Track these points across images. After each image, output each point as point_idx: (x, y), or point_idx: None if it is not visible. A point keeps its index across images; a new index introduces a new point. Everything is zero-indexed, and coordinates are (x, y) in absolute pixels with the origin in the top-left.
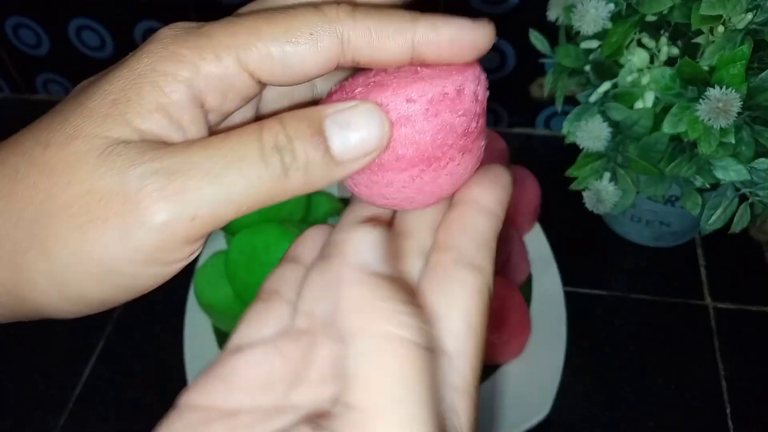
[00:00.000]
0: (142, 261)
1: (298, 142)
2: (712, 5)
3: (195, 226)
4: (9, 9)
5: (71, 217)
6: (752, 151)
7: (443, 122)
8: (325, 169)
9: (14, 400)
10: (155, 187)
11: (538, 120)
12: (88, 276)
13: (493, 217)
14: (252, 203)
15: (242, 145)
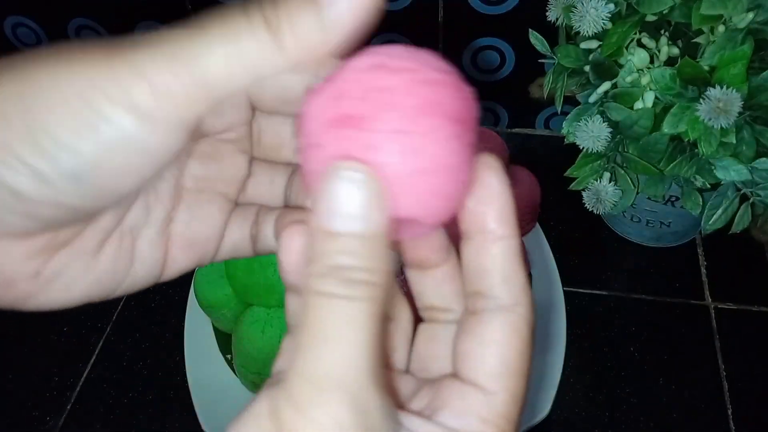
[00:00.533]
0: (116, 96)
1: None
2: (712, 5)
3: (181, 79)
4: (8, 9)
5: (61, 55)
6: (753, 151)
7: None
8: (311, 21)
9: (14, 400)
10: (151, 38)
11: (538, 120)
12: (58, 103)
13: (511, 240)
14: (243, 61)
15: (229, 11)
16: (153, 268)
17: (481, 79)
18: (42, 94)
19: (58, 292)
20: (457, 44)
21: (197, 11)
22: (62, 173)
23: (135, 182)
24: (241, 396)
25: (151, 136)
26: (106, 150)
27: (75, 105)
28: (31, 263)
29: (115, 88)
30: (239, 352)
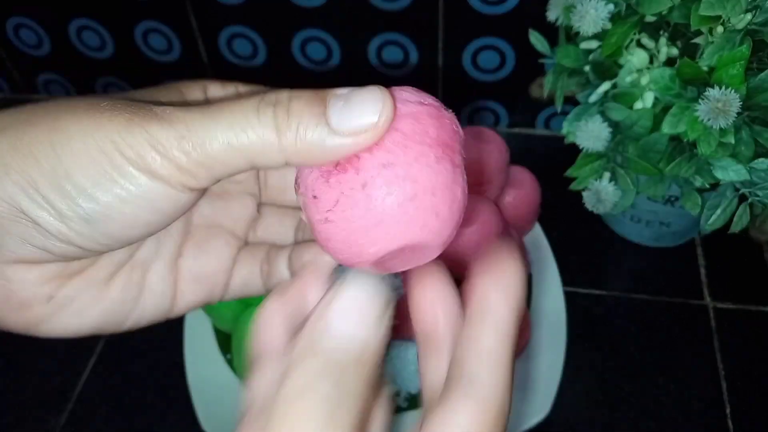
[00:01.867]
0: (132, 157)
1: (297, 101)
2: (711, 5)
3: (183, 148)
4: (10, 9)
5: (91, 109)
6: (752, 151)
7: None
8: (318, 133)
9: (14, 400)
10: (166, 112)
11: (538, 120)
12: (83, 155)
13: (507, 331)
14: (245, 151)
15: (242, 99)
16: (162, 301)
17: (481, 79)
18: (70, 144)
19: (70, 318)
20: (457, 44)
21: (197, 11)
22: (78, 215)
23: (141, 233)
24: (241, 396)
25: (160, 195)
26: (119, 201)
27: (97, 158)
28: (44, 288)
29: (132, 151)
30: (239, 352)
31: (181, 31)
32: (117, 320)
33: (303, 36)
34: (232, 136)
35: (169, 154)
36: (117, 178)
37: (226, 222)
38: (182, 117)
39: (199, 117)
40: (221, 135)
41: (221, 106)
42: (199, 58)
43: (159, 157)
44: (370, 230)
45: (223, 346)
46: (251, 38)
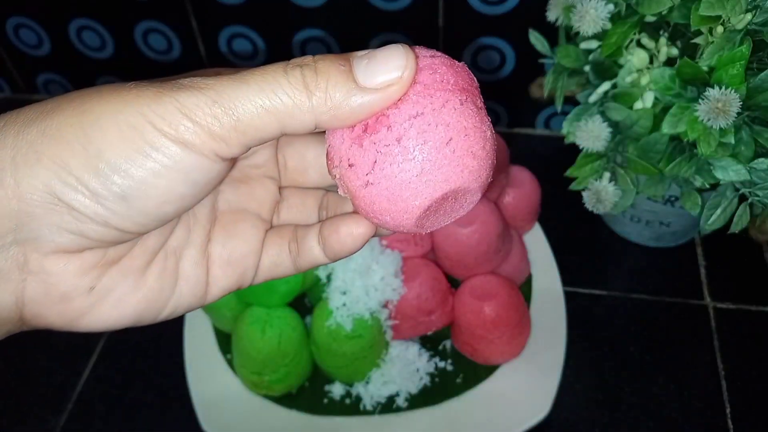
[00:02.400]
0: (163, 128)
1: (322, 62)
2: (711, 6)
3: (214, 113)
4: (10, 9)
5: (116, 89)
6: (751, 151)
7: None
8: (346, 91)
9: (14, 400)
10: (194, 82)
11: (538, 120)
12: (113, 132)
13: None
14: (276, 114)
15: (270, 66)
16: (197, 287)
17: (481, 79)
18: (98, 123)
19: (110, 309)
20: (457, 44)
21: (197, 11)
22: (113, 193)
23: (176, 208)
24: (241, 396)
25: (193, 165)
26: (153, 175)
27: (128, 134)
28: (84, 279)
29: (163, 122)
30: (239, 352)
31: (181, 31)
32: (155, 309)
33: (303, 36)
34: (264, 97)
35: (201, 120)
36: (149, 151)
37: (251, 206)
38: (211, 84)
39: (228, 82)
40: (252, 98)
41: (250, 71)
42: (199, 58)
43: (191, 124)
44: (413, 182)
45: (223, 346)
46: (251, 38)
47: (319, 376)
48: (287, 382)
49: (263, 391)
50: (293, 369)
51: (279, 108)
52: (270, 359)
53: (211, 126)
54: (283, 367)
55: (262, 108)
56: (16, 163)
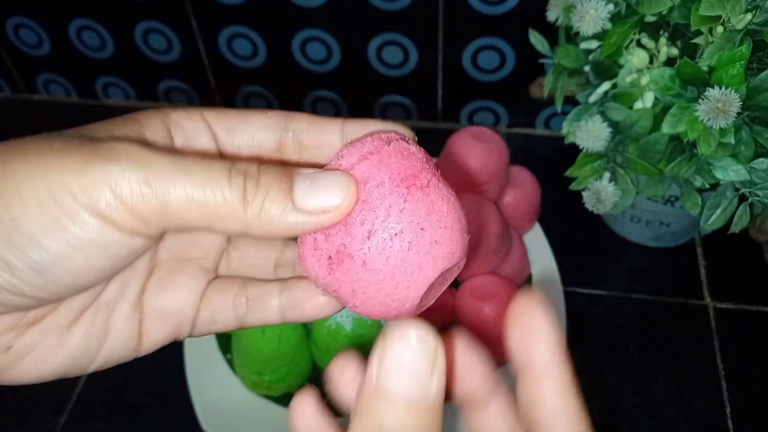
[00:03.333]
0: (85, 201)
1: (265, 175)
2: (711, 6)
3: (147, 201)
4: (10, 9)
5: (42, 151)
6: (751, 151)
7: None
8: (282, 208)
9: (14, 400)
10: (131, 150)
11: (538, 120)
12: (31, 201)
13: (561, 370)
14: (207, 212)
15: (214, 163)
16: (128, 342)
17: (481, 79)
18: (18, 190)
19: (30, 367)
20: (457, 44)
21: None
22: (28, 265)
23: (95, 279)
24: (241, 396)
25: (112, 240)
26: (70, 248)
27: (47, 204)
28: (0, 339)
29: (85, 194)
30: (239, 352)
31: (181, 31)
32: (81, 365)
33: (303, 36)
34: (200, 193)
35: (126, 197)
36: (67, 223)
37: (194, 254)
38: (150, 159)
39: (168, 165)
40: (188, 189)
41: (193, 159)
42: (199, 58)
43: (114, 199)
44: (395, 293)
45: (223, 346)
46: (251, 38)
47: (319, 376)
48: (287, 382)
49: (263, 391)
50: (293, 369)
51: (212, 208)
52: (270, 359)
53: (136, 205)
54: (283, 367)
55: (195, 203)
56: None
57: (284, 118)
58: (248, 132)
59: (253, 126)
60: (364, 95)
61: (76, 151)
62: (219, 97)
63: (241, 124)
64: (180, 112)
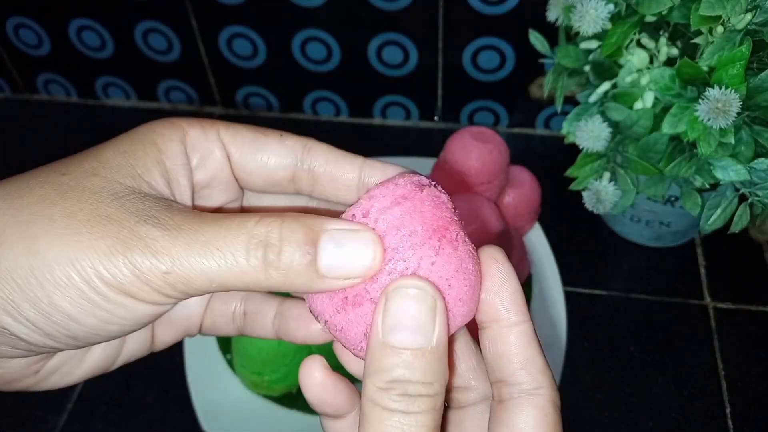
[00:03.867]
0: (116, 285)
1: (288, 245)
2: (711, 6)
3: (167, 279)
4: (10, 9)
5: (70, 226)
6: (751, 151)
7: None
8: (306, 278)
9: (14, 400)
10: (150, 234)
11: (538, 120)
12: (65, 284)
13: (524, 325)
14: (225, 283)
15: (231, 230)
16: (142, 346)
17: (481, 79)
18: (52, 273)
19: (57, 380)
20: (457, 44)
21: (197, 11)
22: (64, 334)
23: (121, 335)
24: (241, 396)
25: (144, 312)
26: (103, 322)
27: (81, 287)
28: (29, 369)
29: (116, 281)
30: (239, 352)
31: (181, 31)
32: (102, 369)
33: (303, 36)
34: (218, 275)
35: (153, 284)
36: (102, 303)
37: None
38: (168, 248)
39: (184, 251)
40: (207, 273)
41: (210, 238)
42: (199, 58)
43: (142, 285)
44: None
45: (223, 346)
46: (251, 38)
47: None
48: (287, 382)
49: (263, 391)
50: (293, 369)
51: (233, 282)
52: (270, 359)
53: (163, 290)
54: (283, 367)
55: (217, 284)
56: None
57: (302, 148)
58: (263, 158)
59: (267, 153)
60: (364, 95)
61: (101, 236)
62: (219, 97)
63: (255, 150)
64: (196, 131)
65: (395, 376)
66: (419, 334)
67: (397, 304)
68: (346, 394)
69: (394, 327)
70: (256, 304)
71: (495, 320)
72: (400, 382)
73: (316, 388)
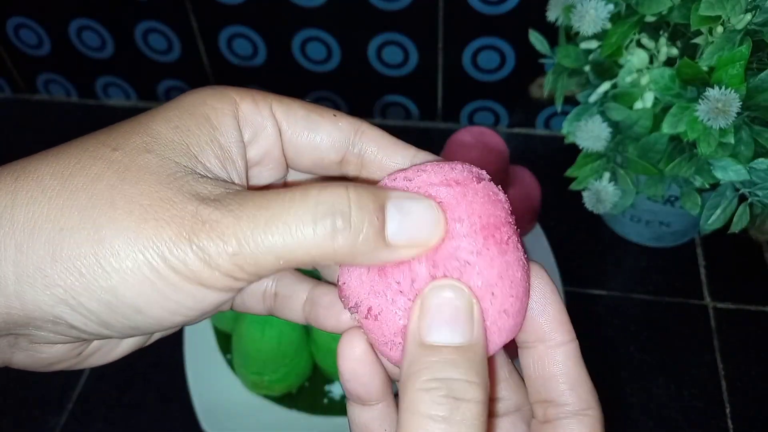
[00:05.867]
0: (185, 273)
1: (358, 210)
2: (711, 6)
3: (236, 261)
4: (10, 9)
5: (133, 212)
6: (751, 151)
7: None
8: (374, 245)
9: (14, 400)
10: (213, 217)
11: (538, 120)
12: (133, 273)
13: (572, 344)
14: (292, 258)
15: (296, 202)
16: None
17: (481, 79)
18: (118, 261)
19: (96, 360)
20: (457, 44)
21: (197, 11)
22: (125, 326)
23: (181, 326)
24: (241, 396)
25: (212, 301)
26: (170, 314)
27: (149, 276)
28: (71, 352)
29: (186, 268)
30: (239, 352)
31: (181, 31)
32: (140, 345)
33: (303, 36)
34: (285, 250)
35: (223, 269)
36: (170, 293)
37: None
38: (233, 229)
39: (250, 230)
40: (275, 250)
41: (275, 212)
42: (199, 58)
43: (211, 271)
44: None
45: (223, 346)
46: (251, 38)
47: (319, 376)
48: (287, 382)
49: (263, 391)
50: (293, 369)
51: (301, 259)
52: (270, 359)
53: (233, 273)
54: (283, 367)
55: (285, 260)
56: (20, 281)
57: (354, 132)
58: (315, 138)
59: (320, 132)
60: (364, 95)
61: (166, 221)
62: None
63: (308, 128)
64: (248, 104)
65: (437, 375)
66: (458, 332)
67: (435, 303)
68: (381, 379)
69: (432, 326)
70: (288, 286)
71: (541, 340)
72: (443, 380)
73: (353, 363)
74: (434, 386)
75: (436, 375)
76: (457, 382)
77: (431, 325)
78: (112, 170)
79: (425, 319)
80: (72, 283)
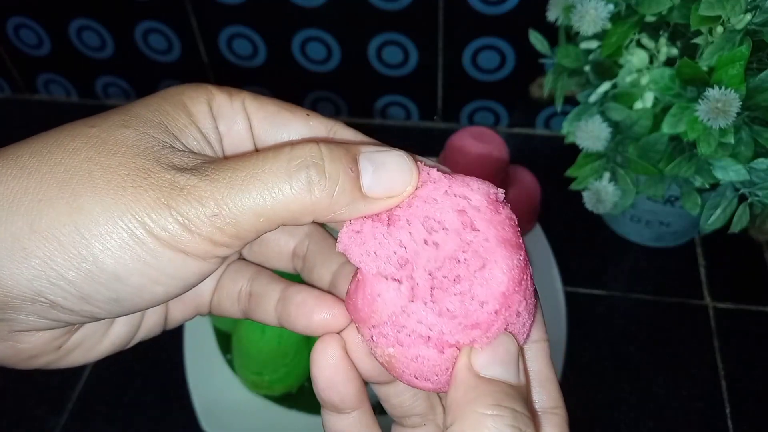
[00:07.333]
0: (164, 238)
1: (331, 162)
2: (711, 6)
3: (215, 223)
4: (10, 9)
5: (111, 181)
6: (751, 151)
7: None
8: (350, 197)
9: (14, 400)
10: (191, 183)
11: (538, 120)
12: (112, 239)
13: (543, 344)
14: (272, 216)
15: (269, 160)
16: (158, 321)
17: (481, 79)
18: (98, 227)
19: (78, 357)
20: (457, 44)
21: (197, 11)
22: (106, 297)
23: (164, 300)
24: (241, 396)
25: (194, 270)
26: (151, 282)
27: (129, 242)
28: (53, 343)
29: (166, 234)
30: (239, 352)
31: (181, 31)
32: (122, 346)
33: (303, 36)
34: (266, 208)
35: (203, 232)
36: (150, 260)
37: None
38: (210, 191)
39: (227, 190)
40: (254, 208)
41: (249, 172)
42: (199, 58)
43: (191, 236)
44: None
45: (223, 346)
46: (251, 38)
47: None
48: (287, 382)
49: (263, 391)
50: (293, 369)
51: (281, 216)
52: (270, 359)
53: (213, 236)
54: (283, 367)
55: (263, 216)
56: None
57: (326, 131)
58: (283, 136)
59: (289, 130)
60: (364, 95)
61: (144, 188)
62: None
63: (277, 125)
64: (223, 97)
65: (502, 403)
66: (511, 373)
67: (504, 341)
68: (356, 386)
69: (487, 363)
70: (262, 286)
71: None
72: (507, 408)
73: (328, 370)
74: (500, 412)
75: (501, 402)
76: (519, 414)
77: (487, 362)
78: (89, 145)
79: (481, 355)
80: (51, 252)
